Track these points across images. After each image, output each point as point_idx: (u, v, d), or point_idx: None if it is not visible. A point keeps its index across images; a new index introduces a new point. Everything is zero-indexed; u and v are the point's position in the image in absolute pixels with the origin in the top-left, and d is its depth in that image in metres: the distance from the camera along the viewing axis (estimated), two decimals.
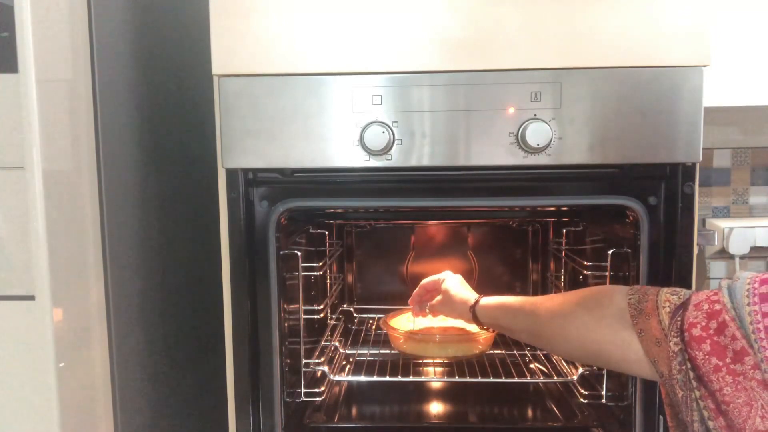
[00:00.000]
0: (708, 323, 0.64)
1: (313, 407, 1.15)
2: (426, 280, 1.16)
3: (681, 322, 0.66)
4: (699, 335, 0.64)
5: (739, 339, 0.62)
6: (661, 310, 0.69)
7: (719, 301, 0.65)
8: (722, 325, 0.63)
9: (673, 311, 0.68)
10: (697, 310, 0.66)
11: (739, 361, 0.62)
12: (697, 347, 0.64)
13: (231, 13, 0.88)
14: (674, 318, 0.67)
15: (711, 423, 0.64)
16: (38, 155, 0.80)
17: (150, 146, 1.11)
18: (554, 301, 0.84)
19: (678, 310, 0.68)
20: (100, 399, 0.94)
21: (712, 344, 0.63)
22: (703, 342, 0.64)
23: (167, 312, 1.17)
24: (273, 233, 0.95)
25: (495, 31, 0.87)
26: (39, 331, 0.82)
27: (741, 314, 0.62)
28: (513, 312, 0.90)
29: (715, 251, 1.61)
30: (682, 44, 0.86)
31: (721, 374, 0.62)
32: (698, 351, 0.64)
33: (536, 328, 0.85)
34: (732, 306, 0.63)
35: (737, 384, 0.62)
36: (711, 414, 0.64)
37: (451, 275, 1.11)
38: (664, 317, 0.69)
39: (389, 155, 0.89)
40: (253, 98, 0.89)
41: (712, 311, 0.65)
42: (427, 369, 1.31)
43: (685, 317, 0.66)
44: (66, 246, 0.86)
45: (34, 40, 0.79)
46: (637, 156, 0.88)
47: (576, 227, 1.31)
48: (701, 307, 0.66)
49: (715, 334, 0.63)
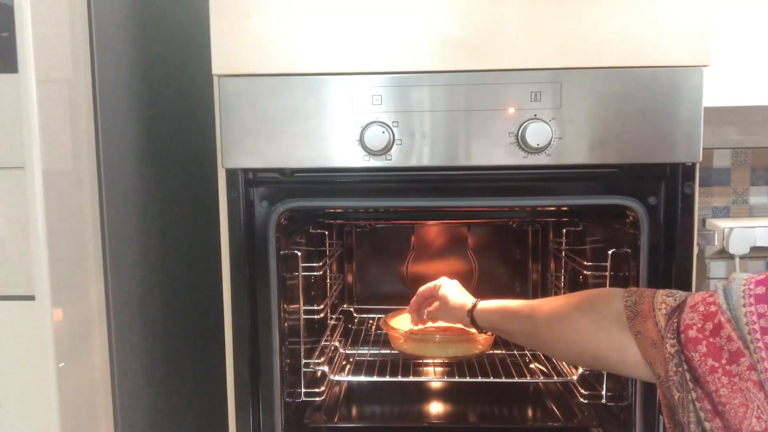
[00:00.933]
0: (704, 324, 0.64)
1: (313, 407, 1.15)
2: (422, 288, 1.15)
3: (677, 324, 0.66)
4: (695, 337, 0.64)
5: (734, 340, 0.62)
6: (658, 312, 0.70)
7: (715, 303, 0.65)
8: (718, 326, 0.63)
9: (669, 313, 0.69)
10: (693, 311, 0.66)
11: (735, 362, 0.62)
12: (693, 349, 0.64)
13: (231, 13, 0.88)
14: (670, 320, 0.68)
15: (707, 424, 0.64)
16: (38, 155, 0.80)
17: (150, 146, 1.11)
18: (551, 305, 0.84)
19: (674, 312, 0.68)
20: (100, 399, 0.94)
21: (708, 345, 0.63)
22: (699, 343, 0.64)
23: (167, 312, 1.17)
24: (273, 233, 0.95)
25: (495, 31, 0.87)
26: (39, 331, 0.82)
27: (737, 315, 0.62)
28: (510, 316, 0.90)
29: (715, 251, 1.61)
30: (682, 44, 0.86)
31: (717, 375, 0.62)
32: (694, 352, 0.64)
33: (534, 332, 0.85)
34: (728, 307, 0.63)
35: (733, 385, 0.62)
36: (707, 415, 0.64)
37: (448, 281, 1.10)
38: (661, 319, 0.69)
39: (389, 155, 0.89)
40: (253, 98, 0.89)
41: (708, 313, 0.65)
42: (427, 369, 1.31)
43: (681, 319, 0.66)
44: (66, 246, 0.86)
45: (34, 40, 0.79)
46: (637, 156, 0.88)
47: (576, 227, 1.31)
48: (697, 309, 0.66)
49: (711, 336, 0.64)
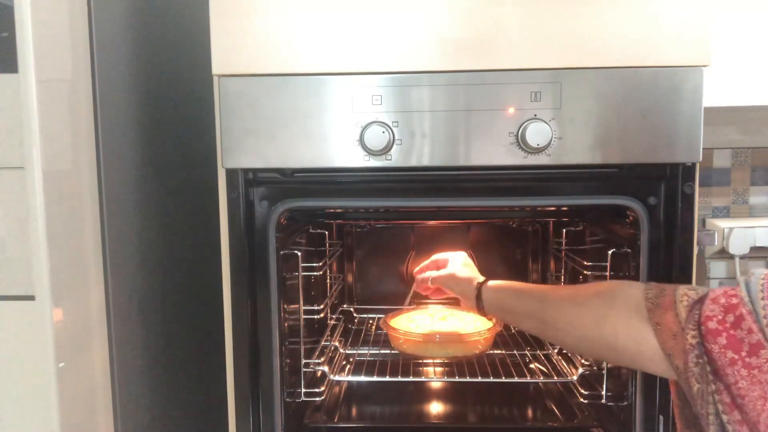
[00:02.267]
0: (725, 317, 0.65)
1: (313, 407, 1.15)
2: (438, 256, 1.17)
3: (698, 316, 0.67)
4: (715, 328, 0.65)
5: (755, 332, 0.62)
6: (678, 305, 0.70)
7: (737, 296, 0.65)
8: (739, 318, 0.64)
9: (691, 305, 0.69)
10: (714, 303, 0.66)
11: (755, 354, 0.62)
12: (713, 340, 0.64)
13: (231, 13, 0.88)
14: (692, 311, 0.68)
15: (725, 417, 0.64)
16: (38, 155, 0.80)
17: (150, 146, 1.11)
18: (567, 290, 0.83)
19: (696, 304, 0.68)
20: (100, 399, 0.94)
21: (729, 337, 0.64)
22: (719, 335, 0.64)
23: (167, 312, 1.17)
24: (273, 233, 0.95)
25: (495, 31, 0.87)
26: (39, 331, 0.82)
27: (756, 308, 0.63)
28: (521, 295, 0.89)
29: (715, 251, 1.61)
30: (682, 44, 0.86)
31: (736, 368, 0.63)
32: (714, 344, 0.64)
33: (545, 315, 0.83)
34: (749, 300, 0.64)
35: (752, 377, 0.62)
36: (726, 408, 0.64)
37: (465, 256, 1.12)
38: (681, 311, 0.69)
39: (389, 155, 0.89)
40: (253, 98, 0.89)
41: (729, 305, 0.65)
42: (427, 369, 1.31)
43: (702, 311, 0.67)
44: (66, 246, 0.86)
45: (34, 40, 0.79)
46: (637, 156, 0.88)
47: (576, 227, 1.31)
48: (718, 301, 0.66)
49: (731, 327, 0.64)
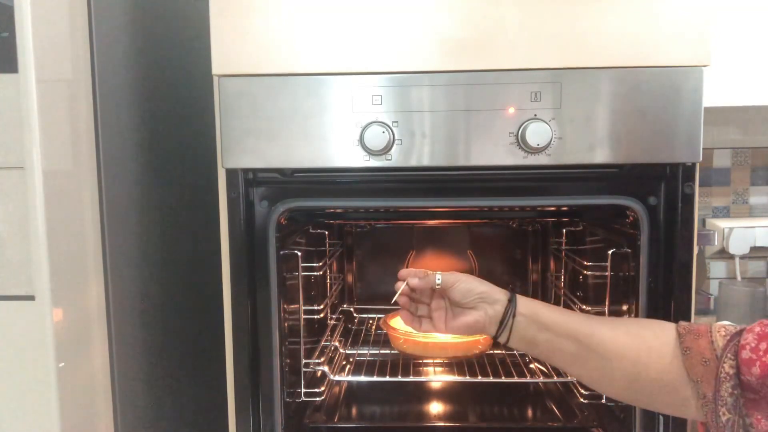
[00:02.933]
0: (758, 344, 0.65)
1: (313, 407, 1.15)
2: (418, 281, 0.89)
3: (737, 346, 0.67)
4: (748, 357, 0.65)
5: None
6: (715, 333, 0.70)
7: None
8: None
9: (730, 335, 0.69)
10: (749, 332, 0.67)
11: None
12: (747, 371, 0.65)
13: (231, 13, 0.88)
14: (732, 341, 0.68)
15: None
16: (38, 155, 0.80)
17: (150, 146, 1.11)
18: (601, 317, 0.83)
19: (735, 336, 0.68)
20: (100, 399, 0.95)
21: (762, 366, 0.64)
22: (752, 365, 0.64)
23: (167, 312, 1.17)
24: (273, 233, 0.95)
25: (495, 31, 0.87)
26: (39, 331, 0.82)
27: None
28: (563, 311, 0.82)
29: (715, 251, 1.61)
30: (682, 44, 0.86)
31: None
32: (749, 376, 0.64)
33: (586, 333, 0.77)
34: None
35: None
36: None
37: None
38: (718, 339, 0.69)
39: (389, 155, 0.89)
40: (253, 98, 0.89)
41: (764, 333, 0.65)
42: (427, 369, 1.31)
43: (740, 341, 0.67)
44: (66, 246, 0.86)
45: (34, 40, 0.79)
46: (637, 156, 0.88)
47: (576, 227, 1.31)
48: (753, 330, 0.67)
49: (764, 354, 0.64)
